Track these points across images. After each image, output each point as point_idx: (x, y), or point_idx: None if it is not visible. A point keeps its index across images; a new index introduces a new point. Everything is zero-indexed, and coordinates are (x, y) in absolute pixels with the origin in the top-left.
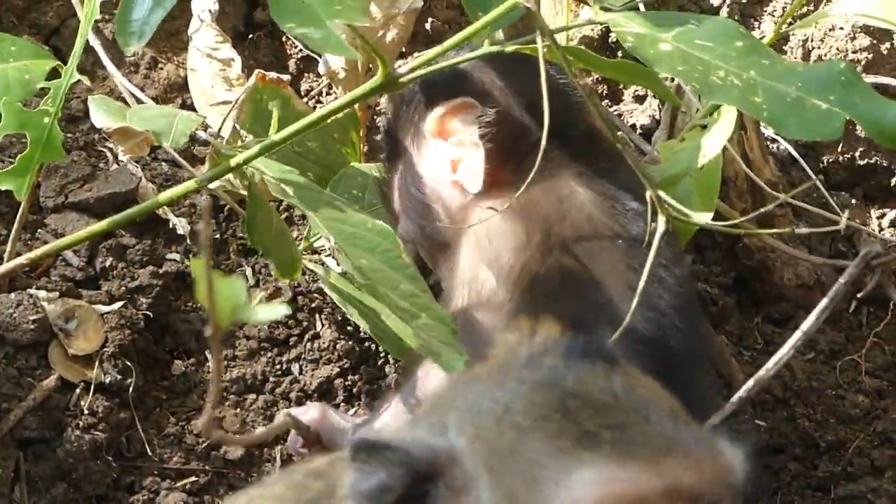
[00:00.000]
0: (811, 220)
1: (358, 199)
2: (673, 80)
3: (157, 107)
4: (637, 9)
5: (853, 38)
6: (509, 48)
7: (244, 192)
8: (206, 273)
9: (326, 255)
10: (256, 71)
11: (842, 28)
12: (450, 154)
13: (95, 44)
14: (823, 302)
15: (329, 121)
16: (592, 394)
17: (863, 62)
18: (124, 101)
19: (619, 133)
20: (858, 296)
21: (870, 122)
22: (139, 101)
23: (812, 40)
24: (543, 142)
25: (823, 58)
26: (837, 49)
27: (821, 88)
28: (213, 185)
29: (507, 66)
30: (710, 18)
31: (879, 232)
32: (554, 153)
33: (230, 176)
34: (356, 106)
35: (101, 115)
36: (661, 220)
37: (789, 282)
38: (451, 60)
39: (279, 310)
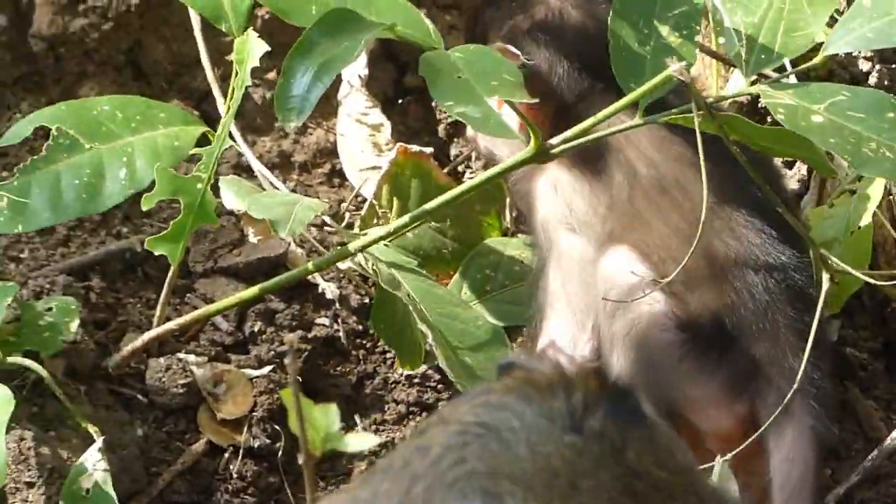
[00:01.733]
0: None
1: (489, 280)
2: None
3: (280, 194)
4: (785, 74)
5: None
6: (662, 119)
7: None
8: (296, 403)
9: None
10: (398, 144)
11: None
12: None
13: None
14: None
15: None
16: (651, 472)
17: None
18: (274, 164)
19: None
20: None
21: None
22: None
23: None
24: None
25: None
26: None
27: None
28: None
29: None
30: (862, 90)
31: None
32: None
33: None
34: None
35: (232, 197)
36: (826, 277)
37: None
38: (604, 132)
39: (370, 440)
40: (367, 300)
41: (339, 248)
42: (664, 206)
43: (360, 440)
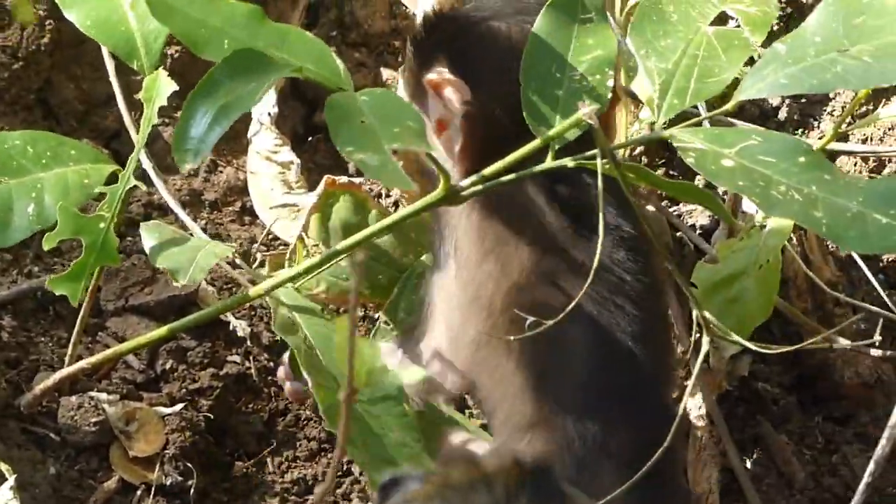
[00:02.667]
0: (871, 318)
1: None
2: None
3: (190, 240)
4: (698, 119)
5: None
6: (570, 164)
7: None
8: (351, 333)
9: None
10: (326, 176)
11: None
12: (438, 113)
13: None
14: None
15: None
16: None
17: None
18: (184, 203)
19: (678, 233)
20: None
21: None
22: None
23: (871, 140)
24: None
25: (883, 158)
26: None
27: (882, 203)
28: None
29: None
30: (774, 134)
31: None
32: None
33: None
34: None
35: (151, 242)
36: (706, 340)
37: (850, 380)
38: (511, 175)
39: (418, 373)
40: (278, 337)
41: (249, 287)
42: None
43: (409, 373)
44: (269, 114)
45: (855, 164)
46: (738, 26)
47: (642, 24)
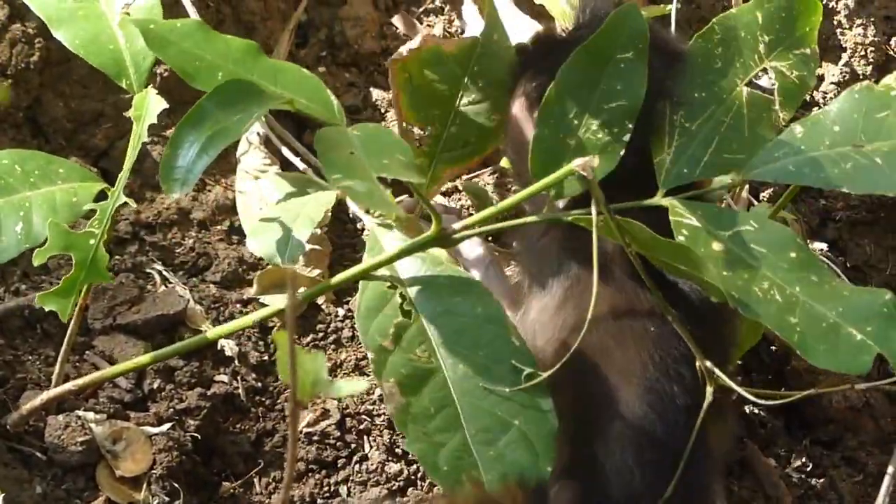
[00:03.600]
0: None
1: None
2: None
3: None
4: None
5: None
6: (566, 218)
7: None
8: (290, 346)
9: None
10: (391, 59)
11: None
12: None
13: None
14: None
15: None
16: None
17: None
18: (172, 221)
19: None
20: None
21: None
22: None
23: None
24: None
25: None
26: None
27: (861, 318)
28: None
29: None
30: (770, 224)
31: None
32: None
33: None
34: None
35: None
36: (709, 391)
37: (837, 404)
38: (507, 223)
39: (359, 384)
40: (266, 357)
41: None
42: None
43: (350, 385)
44: (258, 133)
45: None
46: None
47: (687, 65)
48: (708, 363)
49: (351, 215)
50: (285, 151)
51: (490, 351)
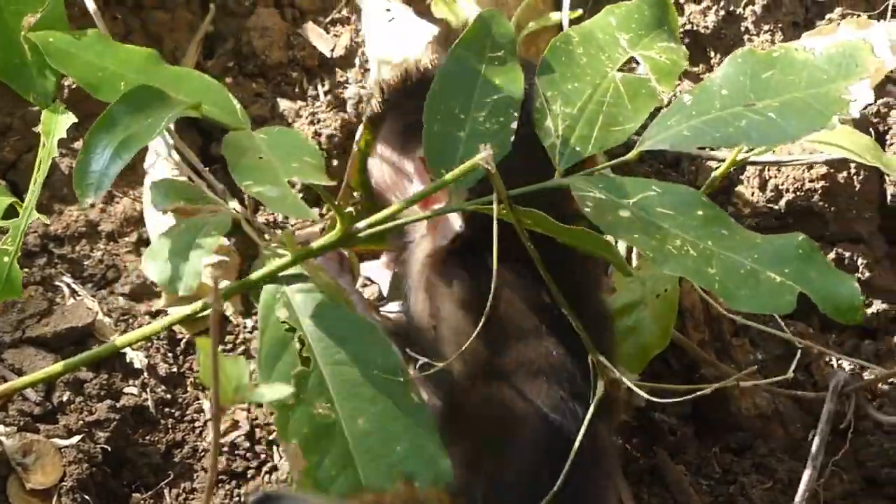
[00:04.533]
0: (768, 349)
1: None
2: None
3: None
4: (599, 167)
5: (810, 168)
6: (469, 208)
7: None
8: (213, 351)
9: None
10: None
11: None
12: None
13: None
14: (815, 443)
15: None
16: None
17: (819, 191)
18: (81, 234)
19: None
20: (841, 426)
21: (823, 298)
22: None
23: (768, 170)
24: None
25: (780, 187)
26: (794, 178)
27: (777, 261)
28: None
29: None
30: (673, 187)
31: (837, 361)
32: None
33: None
34: None
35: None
36: (601, 385)
37: (747, 411)
38: (410, 218)
39: (283, 389)
40: (175, 369)
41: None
42: None
43: (273, 391)
44: (166, 143)
45: (752, 194)
46: (647, 74)
47: (551, 65)
48: (601, 358)
49: (272, 219)
50: (187, 163)
51: (389, 406)
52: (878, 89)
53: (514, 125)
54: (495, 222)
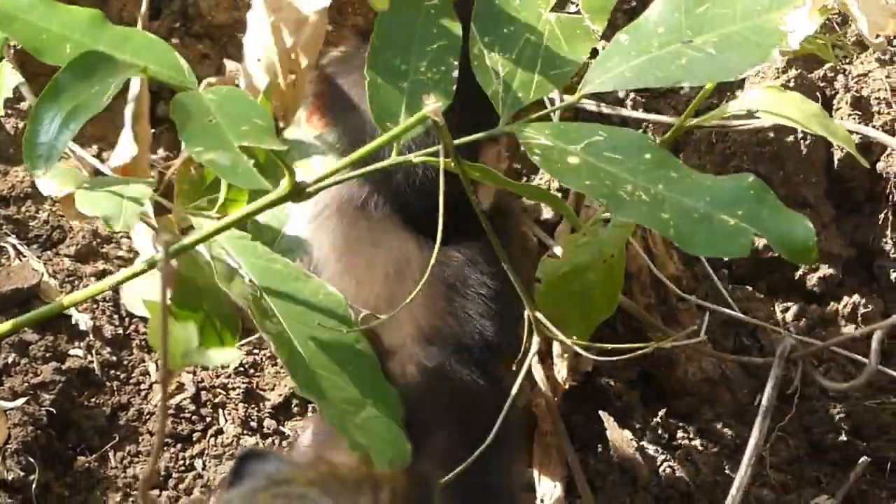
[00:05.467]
0: (715, 313)
1: None
2: None
3: (103, 180)
4: (546, 111)
5: (757, 132)
6: (415, 160)
7: None
8: (163, 315)
9: None
10: None
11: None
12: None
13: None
14: (761, 410)
15: None
16: None
17: (767, 155)
18: (26, 195)
19: (524, 228)
20: (788, 392)
21: (778, 239)
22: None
23: (714, 135)
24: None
25: (727, 152)
26: (741, 143)
27: (729, 203)
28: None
29: None
30: (620, 130)
31: (784, 325)
32: None
33: None
34: None
35: (52, 184)
36: (536, 340)
37: (693, 376)
38: (359, 171)
39: (231, 353)
40: (120, 331)
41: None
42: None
43: (222, 354)
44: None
45: (699, 158)
46: (578, 12)
47: (486, 9)
48: (538, 314)
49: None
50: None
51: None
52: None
53: (456, 73)
54: (442, 172)
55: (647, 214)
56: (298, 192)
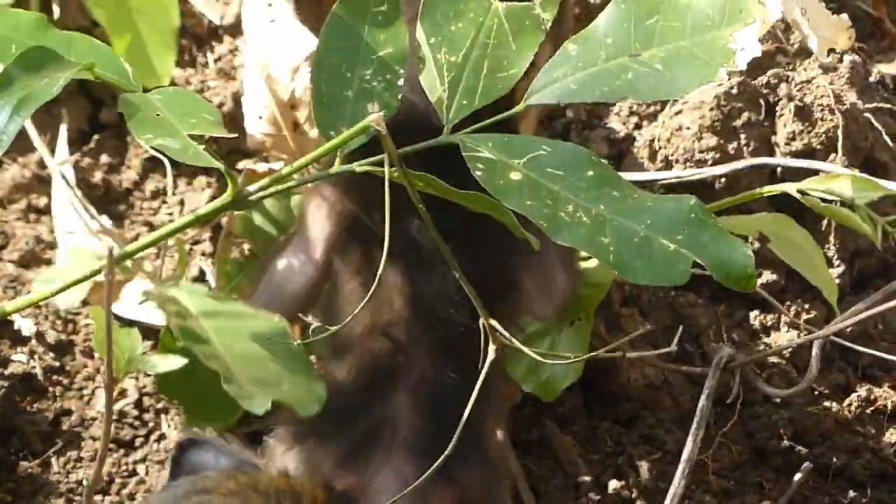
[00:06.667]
0: (658, 319)
1: None
2: None
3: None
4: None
5: (700, 138)
6: (359, 169)
7: None
8: (107, 322)
9: None
10: (245, 168)
11: (689, 128)
12: None
13: None
14: (696, 418)
15: None
16: None
17: (709, 162)
18: None
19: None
20: (728, 401)
21: (717, 265)
22: None
23: (659, 140)
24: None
25: (670, 158)
26: (685, 149)
27: (670, 226)
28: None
29: None
30: (562, 145)
31: (727, 332)
32: None
33: None
34: None
35: None
36: (492, 349)
37: (636, 382)
38: (305, 178)
39: (175, 360)
40: (63, 336)
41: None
42: None
43: (165, 361)
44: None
45: (643, 165)
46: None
47: (432, 5)
48: (493, 322)
49: (163, 187)
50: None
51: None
52: (768, 59)
53: (401, 82)
54: (387, 185)
55: (586, 238)
56: (241, 200)
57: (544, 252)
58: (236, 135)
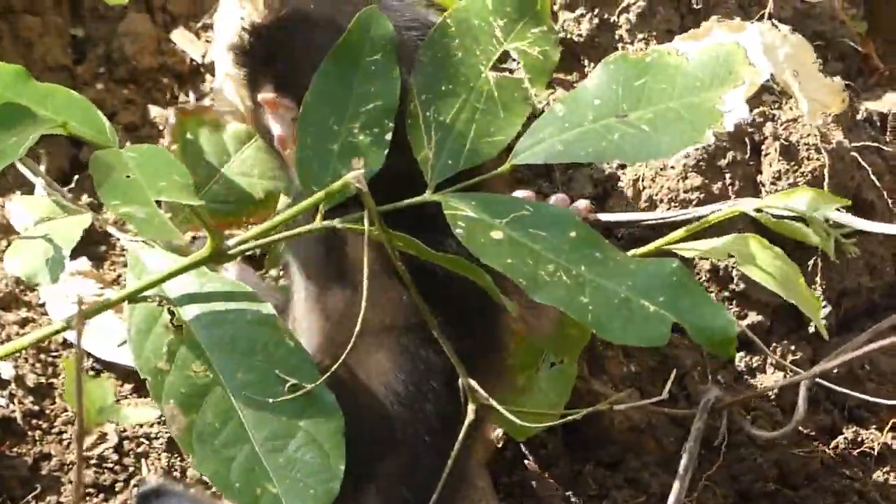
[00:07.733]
0: (642, 361)
1: None
2: None
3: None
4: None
5: (685, 178)
6: (339, 225)
7: None
8: (77, 372)
9: None
10: (176, 107)
11: (673, 167)
12: (278, 130)
13: None
14: (683, 461)
15: None
16: None
17: (694, 202)
18: None
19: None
20: (714, 443)
21: (697, 329)
22: None
23: (643, 179)
24: None
25: (654, 198)
26: (669, 188)
27: (651, 289)
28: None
29: None
30: (545, 207)
31: (712, 373)
32: None
33: None
34: None
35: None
36: (471, 408)
37: (620, 425)
38: (283, 234)
39: (148, 412)
40: (43, 380)
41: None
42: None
43: (138, 413)
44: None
45: (626, 204)
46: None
47: (427, 62)
48: (471, 381)
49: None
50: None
51: (266, 355)
52: (754, 98)
53: (389, 137)
54: (366, 245)
55: (565, 298)
56: (220, 254)
57: None
58: (203, 202)
